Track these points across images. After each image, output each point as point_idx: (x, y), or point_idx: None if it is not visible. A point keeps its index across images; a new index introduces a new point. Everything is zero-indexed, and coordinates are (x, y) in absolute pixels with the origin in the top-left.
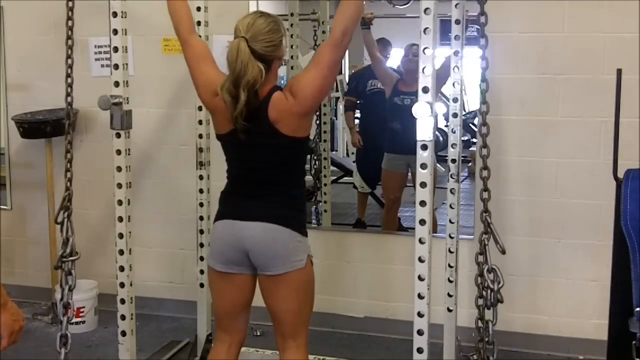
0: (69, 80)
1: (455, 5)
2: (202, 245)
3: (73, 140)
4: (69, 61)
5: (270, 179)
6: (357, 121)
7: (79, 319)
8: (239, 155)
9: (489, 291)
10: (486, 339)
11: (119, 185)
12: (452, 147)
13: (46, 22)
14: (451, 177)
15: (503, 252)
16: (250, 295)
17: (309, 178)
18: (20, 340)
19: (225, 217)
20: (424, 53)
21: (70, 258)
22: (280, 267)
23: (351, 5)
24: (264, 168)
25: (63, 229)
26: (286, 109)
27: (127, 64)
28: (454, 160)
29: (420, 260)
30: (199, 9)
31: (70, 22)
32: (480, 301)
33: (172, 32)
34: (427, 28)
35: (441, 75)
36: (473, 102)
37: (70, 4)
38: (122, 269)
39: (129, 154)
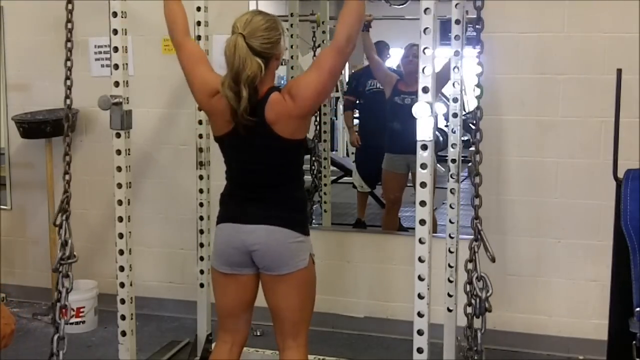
0: (69, 82)
1: (455, 6)
2: (202, 245)
3: (73, 141)
4: (69, 63)
5: (269, 181)
6: (356, 121)
7: (79, 319)
8: (237, 157)
9: (477, 299)
10: (475, 348)
11: (119, 185)
12: (452, 147)
13: (46, 22)
14: (451, 177)
15: (493, 260)
16: (253, 294)
17: (307, 178)
18: (20, 340)
19: (227, 220)
20: (424, 53)
21: (69, 261)
22: (284, 268)
23: (354, 11)
24: (262, 170)
25: (61, 232)
26: (284, 111)
27: (127, 64)
28: (454, 160)
29: (420, 260)
30: (199, 9)
31: (69, 25)
32: (469, 309)
33: None
34: (427, 28)
35: (441, 78)
36: (473, 102)
37: (69, 6)
38: (122, 269)
39: (129, 154)
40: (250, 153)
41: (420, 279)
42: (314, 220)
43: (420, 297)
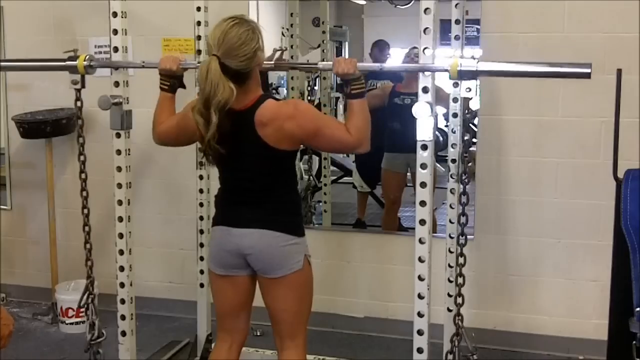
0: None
1: (455, 6)
2: (202, 245)
3: (73, 141)
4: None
5: (260, 187)
6: None
7: (78, 319)
8: (226, 166)
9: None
10: None
11: (119, 185)
12: (452, 147)
13: (46, 22)
14: (451, 177)
15: (472, 354)
16: (250, 295)
17: (307, 178)
18: (20, 340)
19: (221, 223)
20: (424, 53)
21: (98, 340)
22: (278, 270)
23: (360, 116)
24: (252, 177)
25: (88, 313)
26: (279, 117)
27: None
28: (454, 160)
29: (420, 260)
30: (199, 9)
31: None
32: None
33: (172, 32)
34: (427, 28)
35: (440, 99)
36: (473, 102)
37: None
38: (122, 269)
39: (129, 154)
40: (239, 162)
41: (420, 279)
42: (314, 220)
43: (420, 297)
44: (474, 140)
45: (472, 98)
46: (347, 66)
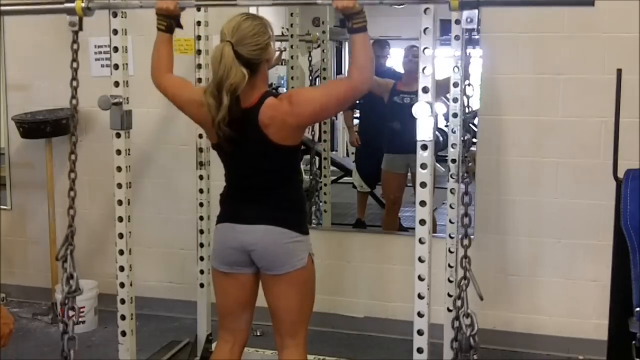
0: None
1: None
2: (202, 245)
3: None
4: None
5: (265, 184)
6: (356, 121)
7: (79, 319)
8: (232, 163)
9: (464, 336)
10: None
11: (119, 185)
12: (452, 147)
13: (46, 22)
14: (451, 177)
15: (481, 298)
16: (253, 294)
17: (307, 178)
18: (20, 340)
19: (226, 220)
20: (424, 53)
21: (74, 294)
22: (282, 267)
23: (362, 50)
24: (258, 174)
25: (66, 265)
26: (279, 115)
27: (127, 64)
28: (454, 160)
29: (420, 260)
30: (199, 9)
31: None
32: (456, 344)
33: None
34: (427, 28)
35: (440, 89)
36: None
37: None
38: (122, 269)
39: (129, 154)
40: (245, 159)
41: (420, 279)
42: (314, 220)
43: (420, 297)
44: (474, 140)
45: (471, 96)
46: (347, 0)
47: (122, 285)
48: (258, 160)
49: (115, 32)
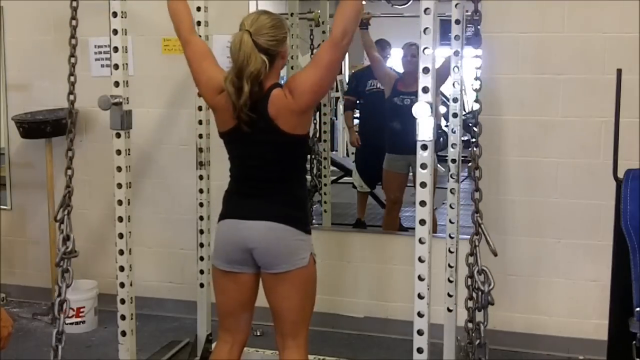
0: (72, 78)
1: (455, 5)
2: (202, 245)
3: (73, 140)
4: (73, 60)
5: (272, 176)
6: (356, 121)
7: (79, 319)
8: (240, 153)
9: (479, 293)
10: (477, 341)
11: (119, 185)
12: (452, 147)
13: (46, 22)
14: (451, 177)
15: (495, 254)
16: (253, 294)
17: (307, 178)
18: (20, 340)
19: (228, 216)
20: (424, 53)
21: (70, 255)
22: (283, 265)
23: (349, 5)
24: (266, 165)
25: (62, 227)
26: (284, 105)
27: (127, 64)
28: (454, 160)
29: (420, 260)
30: (199, 9)
31: (74, 22)
32: (470, 303)
33: (172, 32)
34: (427, 28)
35: (441, 75)
36: (472, 99)
37: (74, 3)
38: (122, 269)
39: (129, 154)
40: (253, 148)
41: (420, 279)
42: (314, 220)
43: (420, 297)
44: (474, 140)
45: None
46: None
47: (122, 285)
48: (266, 150)
49: (115, 32)
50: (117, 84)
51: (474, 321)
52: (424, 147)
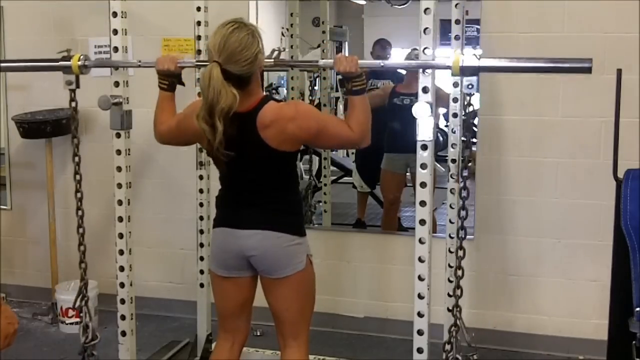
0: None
1: (455, 6)
2: (202, 245)
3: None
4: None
5: (262, 188)
6: None
7: (79, 319)
8: (229, 168)
9: None
10: None
11: (119, 185)
12: (452, 147)
13: (46, 22)
14: (451, 177)
15: (469, 345)
16: (251, 294)
17: (307, 178)
18: (20, 340)
19: (223, 224)
20: (424, 53)
21: (92, 343)
22: (281, 271)
23: (362, 111)
24: (255, 178)
25: (81, 315)
26: (280, 119)
27: None
28: (454, 160)
29: (420, 260)
30: (198, 9)
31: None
32: None
33: (172, 32)
34: (427, 28)
35: (439, 101)
36: (474, 99)
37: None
38: (122, 269)
39: (129, 154)
40: (242, 163)
41: (420, 279)
42: (314, 220)
43: (420, 297)
44: (474, 140)
45: (472, 94)
46: (348, 65)
47: (122, 285)
48: (254, 164)
49: (115, 32)
50: (117, 84)
51: None
52: (424, 147)
